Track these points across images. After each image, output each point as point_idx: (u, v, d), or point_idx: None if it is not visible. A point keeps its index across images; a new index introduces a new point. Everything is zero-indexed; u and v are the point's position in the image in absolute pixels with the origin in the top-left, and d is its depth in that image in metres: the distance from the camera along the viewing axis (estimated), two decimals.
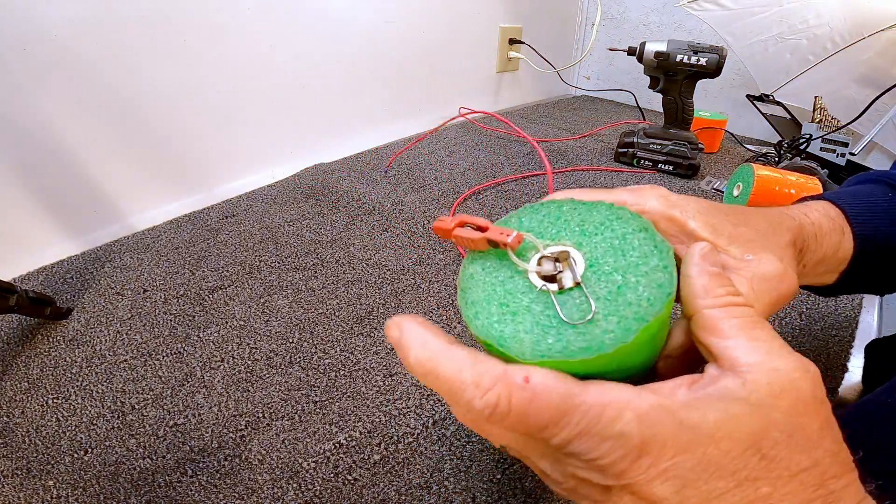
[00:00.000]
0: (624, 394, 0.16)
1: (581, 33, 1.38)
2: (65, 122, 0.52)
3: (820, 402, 0.18)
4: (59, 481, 0.31)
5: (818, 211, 0.27)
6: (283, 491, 0.31)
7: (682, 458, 0.16)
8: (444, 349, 0.18)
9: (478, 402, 0.16)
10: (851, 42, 0.84)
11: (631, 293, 0.19)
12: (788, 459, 0.16)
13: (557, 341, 0.18)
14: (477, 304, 0.21)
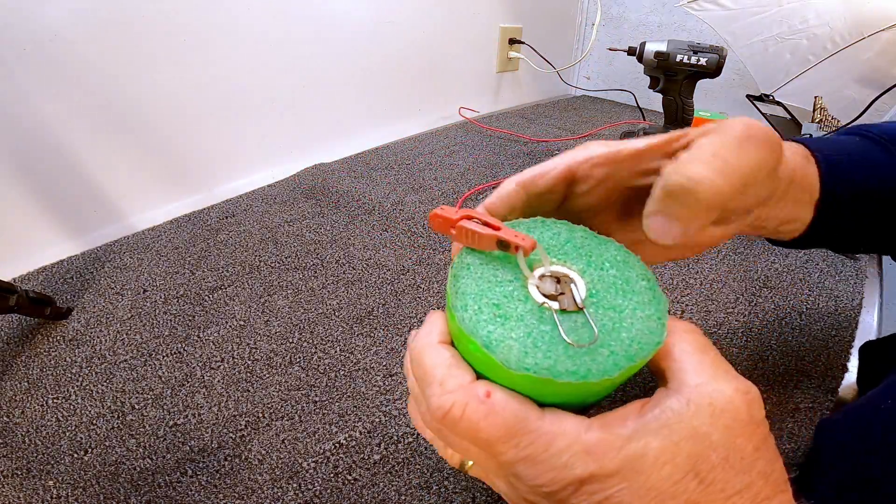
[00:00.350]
0: (575, 427, 0.18)
1: (581, 33, 1.38)
2: (65, 121, 0.52)
3: (756, 424, 0.18)
4: (59, 481, 0.31)
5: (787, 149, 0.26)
6: (283, 491, 0.31)
7: (625, 485, 0.17)
8: (434, 345, 0.20)
9: (434, 399, 0.18)
10: (851, 42, 0.84)
11: (626, 332, 0.19)
12: (724, 482, 0.17)
13: (546, 358, 0.18)
14: (468, 296, 0.20)
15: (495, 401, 0.18)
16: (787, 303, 0.45)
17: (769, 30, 0.90)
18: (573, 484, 0.17)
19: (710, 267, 0.50)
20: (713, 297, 0.46)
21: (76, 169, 0.55)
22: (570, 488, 0.17)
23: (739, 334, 0.41)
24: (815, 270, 0.49)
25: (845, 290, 0.47)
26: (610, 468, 0.17)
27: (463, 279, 0.21)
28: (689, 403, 0.18)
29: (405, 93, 0.93)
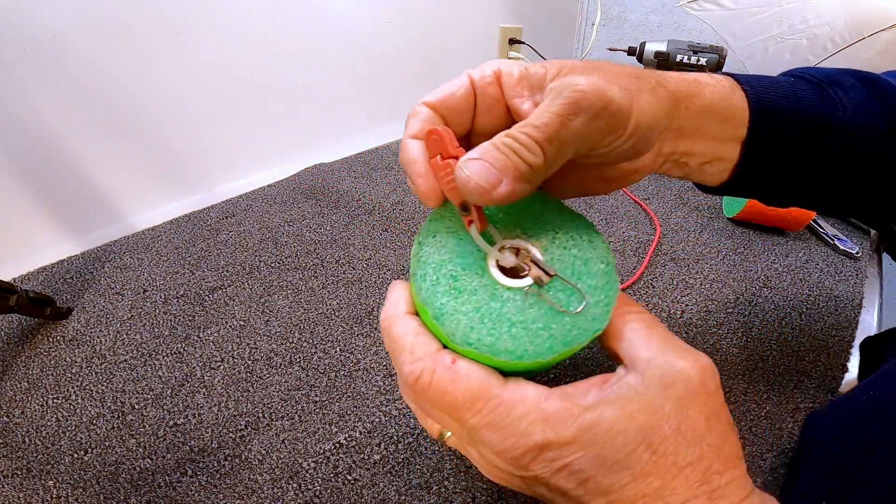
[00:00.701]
0: (535, 395, 0.19)
1: (581, 33, 1.38)
2: (65, 121, 0.52)
3: (709, 393, 0.19)
4: (59, 481, 0.31)
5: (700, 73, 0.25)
6: (283, 491, 0.31)
7: (581, 453, 0.18)
8: (401, 315, 0.21)
9: (406, 366, 0.19)
10: (851, 42, 0.84)
11: (569, 317, 0.20)
12: (675, 454, 0.18)
13: (489, 335, 0.19)
14: (429, 265, 0.21)
15: (460, 367, 0.19)
16: (787, 303, 0.45)
17: (769, 30, 0.90)
18: (532, 450, 0.18)
19: (710, 267, 0.50)
20: (713, 297, 0.46)
21: (76, 169, 0.55)
22: (530, 454, 0.18)
23: (739, 334, 0.41)
24: (815, 270, 0.49)
25: (845, 290, 0.47)
26: (566, 436, 0.18)
27: (427, 247, 0.22)
28: (644, 377, 0.19)
29: (405, 93, 0.93)
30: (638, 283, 0.48)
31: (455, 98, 0.23)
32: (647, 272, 0.49)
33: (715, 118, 0.24)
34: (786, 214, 0.53)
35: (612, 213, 0.59)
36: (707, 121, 0.23)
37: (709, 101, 0.23)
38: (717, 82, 0.24)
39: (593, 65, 0.21)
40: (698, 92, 0.23)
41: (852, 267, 0.50)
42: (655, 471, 0.18)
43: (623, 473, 0.18)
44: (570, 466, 0.18)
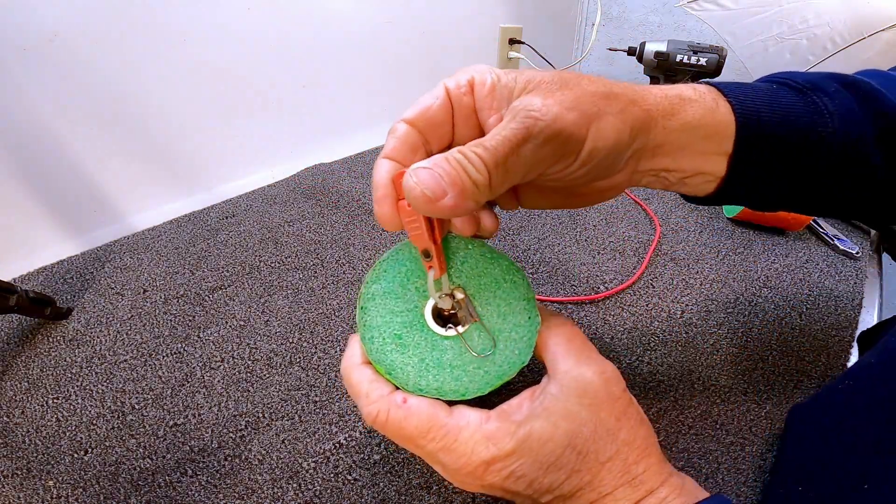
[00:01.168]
0: (477, 419, 0.22)
1: (581, 33, 1.38)
2: (65, 121, 0.52)
3: (614, 398, 0.23)
4: (59, 481, 0.31)
5: (683, 85, 0.24)
6: (283, 491, 0.31)
7: (522, 461, 0.21)
8: (356, 365, 0.24)
9: (364, 409, 0.23)
10: (851, 42, 0.84)
11: (499, 355, 0.24)
12: (596, 451, 0.22)
13: (436, 380, 0.23)
14: (374, 328, 0.24)
15: (410, 405, 0.22)
16: (787, 303, 0.45)
17: (769, 30, 0.90)
18: (482, 465, 0.21)
19: (710, 267, 0.50)
20: (713, 297, 0.46)
21: (76, 169, 0.55)
22: (482, 468, 0.21)
23: (739, 334, 0.41)
24: (815, 270, 0.49)
25: (845, 290, 0.47)
26: (507, 449, 0.21)
27: (369, 311, 0.25)
28: (562, 388, 0.23)
29: (405, 93, 0.93)
30: (638, 283, 0.48)
31: (432, 111, 0.23)
32: (647, 272, 0.49)
33: (697, 134, 0.23)
34: (786, 215, 0.53)
35: (612, 213, 0.59)
36: (689, 137, 0.23)
37: (691, 117, 0.23)
38: (700, 96, 0.23)
39: (562, 80, 0.21)
40: (680, 108, 0.23)
41: (852, 267, 0.50)
42: (584, 467, 0.22)
43: (559, 473, 0.21)
44: (516, 473, 0.21)
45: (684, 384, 0.37)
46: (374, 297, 0.25)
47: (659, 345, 0.41)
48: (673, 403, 0.35)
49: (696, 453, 0.32)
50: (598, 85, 0.21)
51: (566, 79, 0.21)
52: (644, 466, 0.22)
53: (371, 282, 0.25)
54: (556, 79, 0.21)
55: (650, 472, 0.22)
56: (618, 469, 0.22)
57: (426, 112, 0.23)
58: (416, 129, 0.23)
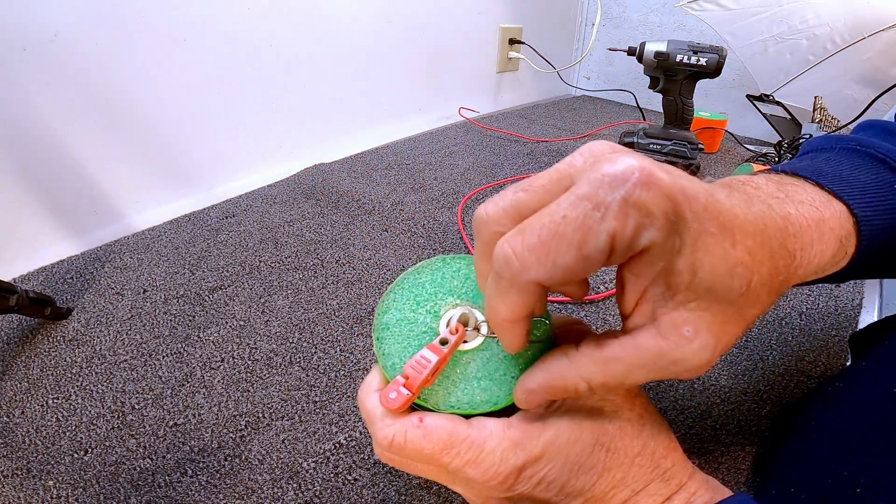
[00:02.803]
0: (499, 427, 0.21)
1: (581, 33, 1.38)
2: (65, 121, 0.52)
3: (634, 396, 0.23)
4: (59, 481, 0.31)
5: (832, 231, 0.22)
6: (283, 491, 0.31)
7: (551, 465, 0.20)
8: (372, 392, 0.23)
9: (379, 433, 0.22)
10: (851, 42, 0.84)
11: (521, 357, 0.23)
12: (625, 448, 0.21)
13: (465, 395, 0.23)
14: (393, 356, 0.24)
15: (427, 423, 0.21)
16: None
17: (769, 30, 0.90)
18: (513, 473, 0.20)
19: None
20: None
21: (76, 169, 0.55)
22: (512, 477, 0.20)
23: None
24: None
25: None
26: (536, 453, 0.20)
27: (386, 341, 0.24)
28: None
29: (405, 93, 0.93)
30: None
31: (580, 274, 0.16)
32: None
33: (813, 275, 0.22)
34: None
35: None
36: (819, 271, 0.22)
37: (815, 268, 0.21)
38: (833, 257, 0.22)
39: (732, 291, 0.16)
40: (807, 263, 0.21)
41: None
42: (614, 465, 0.21)
43: (590, 473, 0.21)
44: (547, 478, 0.21)
45: (684, 384, 0.37)
46: (388, 326, 0.25)
47: None
48: (673, 403, 0.35)
49: (696, 453, 0.32)
50: (758, 305, 0.18)
51: (733, 292, 0.16)
52: (672, 461, 0.22)
53: (382, 312, 0.25)
54: (739, 291, 0.16)
55: (678, 467, 0.22)
56: (647, 464, 0.21)
57: (571, 275, 0.16)
58: (545, 288, 0.18)
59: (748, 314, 0.17)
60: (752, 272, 0.16)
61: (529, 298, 0.17)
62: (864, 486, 0.22)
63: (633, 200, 0.15)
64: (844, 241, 0.22)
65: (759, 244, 0.17)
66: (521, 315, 0.18)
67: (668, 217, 0.15)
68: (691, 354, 0.17)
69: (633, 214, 0.15)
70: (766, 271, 0.17)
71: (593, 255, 0.15)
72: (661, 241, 0.15)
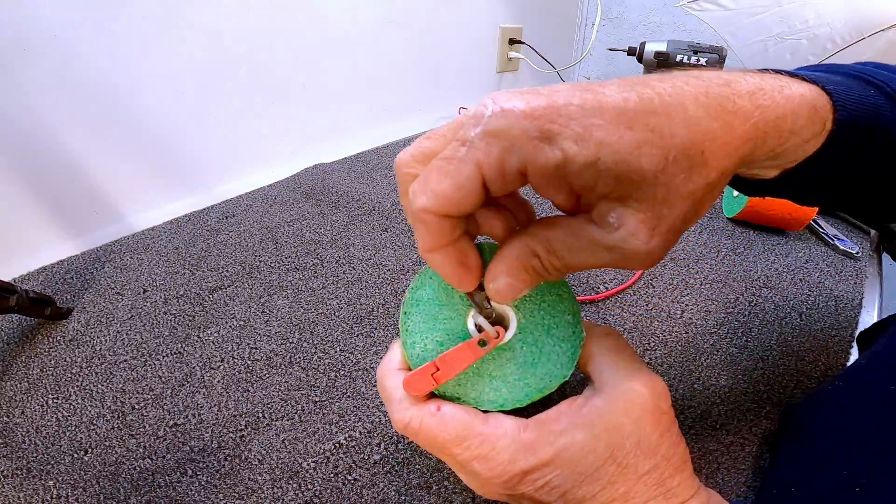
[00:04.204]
0: (514, 428, 0.21)
1: (581, 33, 1.38)
2: (64, 121, 0.52)
3: (661, 413, 0.22)
4: (59, 481, 0.31)
5: (802, 97, 0.20)
6: (283, 491, 0.31)
7: (559, 472, 0.21)
8: (393, 370, 0.24)
9: (396, 415, 0.22)
10: (852, 42, 0.84)
11: (541, 367, 0.23)
12: (636, 465, 0.21)
13: (473, 389, 0.23)
14: (416, 334, 0.24)
15: (444, 413, 0.22)
16: (787, 303, 0.45)
17: (769, 30, 0.90)
18: (518, 475, 0.21)
19: (710, 267, 0.50)
20: (713, 297, 0.46)
21: (76, 169, 0.55)
22: (517, 478, 0.21)
23: (739, 334, 0.41)
24: (815, 270, 0.49)
25: (845, 290, 0.47)
26: (545, 459, 0.21)
27: (412, 317, 0.24)
28: (609, 400, 0.22)
29: (405, 92, 0.93)
30: (638, 283, 0.48)
31: (466, 200, 0.18)
32: (648, 272, 0.49)
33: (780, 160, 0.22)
34: (786, 214, 0.53)
35: None
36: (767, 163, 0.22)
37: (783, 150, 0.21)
38: (808, 122, 0.20)
39: (663, 172, 0.16)
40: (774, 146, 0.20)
41: (852, 267, 0.50)
42: (620, 479, 0.21)
43: (595, 484, 0.21)
44: (551, 483, 0.21)
45: (684, 384, 0.37)
46: (419, 302, 0.24)
47: (659, 345, 0.41)
48: (673, 403, 0.35)
49: (696, 453, 0.32)
50: (708, 171, 0.17)
51: (667, 170, 0.16)
52: (678, 480, 0.22)
53: (417, 287, 0.25)
54: (653, 172, 0.16)
55: (683, 486, 0.22)
56: (653, 482, 0.21)
57: (451, 206, 0.18)
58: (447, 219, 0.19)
59: (686, 189, 0.17)
60: (665, 147, 0.16)
61: (433, 227, 0.19)
62: (864, 486, 0.22)
63: (489, 130, 0.17)
64: (820, 109, 0.21)
65: (669, 119, 0.16)
66: (435, 244, 0.20)
67: (532, 133, 0.16)
68: (621, 241, 0.17)
69: (493, 143, 0.17)
70: (686, 139, 0.16)
71: (466, 183, 0.17)
72: (539, 155, 0.16)
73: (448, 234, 0.20)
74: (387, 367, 0.24)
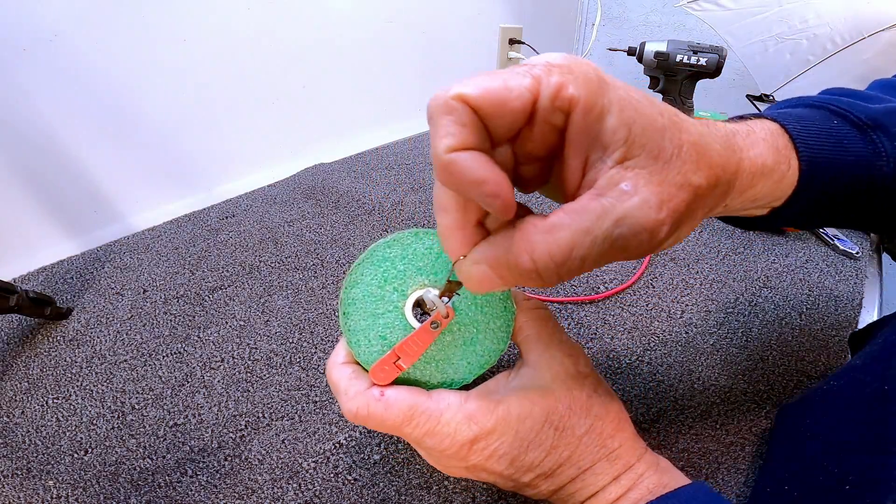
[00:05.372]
0: (456, 400, 0.23)
1: (581, 33, 1.38)
2: (65, 122, 0.52)
3: (584, 377, 0.24)
4: (59, 481, 0.31)
5: (765, 141, 0.22)
6: (283, 491, 0.31)
7: (502, 439, 0.22)
8: (339, 364, 0.25)
9: (344, 406, 0.23)
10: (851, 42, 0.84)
11: (479, 346, 0.25)
12: (573, 427, 0.23)
13: (422, 374, 0.25)
14: (358, 332, 0.25)
15: (388, 397, 0.23)
16: (787, 303, 0.45)
17: (769, 30, 0.90)
18: (466, 445, 0.22)
19: (710, 267, 0.50)
20: (713, 297, 0.46)
21: (76, 169, 0.55)
22: (465, 448, 0.22)
23: (739, 334, 0.41)
24: (815, 270, 0.49)
25: (845, 290, 0.47)
26: (488, 427, 0.22)
27: (351, 316, 0.25)
28: (535, 368, 0.24)
29: (405, 93, 0.93)
30: (638, 283, 0.48)
31: (505, 107, 0.17)
32: (647, 272, 0.49)
33: (758, 202, 0.23)
34: None
35: None
36: (748, 204, 0.23)
37: (760, 190, 0.22)
38: (777, 162, 0.22)
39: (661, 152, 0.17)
40: (758, 182, 0.22)
41: (852, 267, 0.50)
42: (561, 443, 0.22)
43: (538, 450, 0.22)
44: (497, 451, 0.22)
45: (684, 384, 0.37)
46: (355, 301, 0.25)
47: (659, 345, 0.41)
48: (673, 403, 0.35)
49: (696, 453, 0.32)
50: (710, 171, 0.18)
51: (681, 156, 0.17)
52: (619, 441, 0.23)
53: (349, 286, 0.25)
54: (670, 153, 0.17)
55: (625, 448, 0.23)
56: (594, 443, 0.23)
57: (498, 103, 0.16)
58: (478, 116, 0.17)
59: (693, 179, 0.18)
60: (682, 139, 0.18)
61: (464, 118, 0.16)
62: (854, 483, 0.22)
63: (555, 64, 0.17)
64: (783, 149, 0.23)
65: (685, 121, 0.18)
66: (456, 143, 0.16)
67: (590, 78, 0.17)
68: (634, 209, 0.16)
69: (555, 72, 0.17)
70: (698, 140, 0.18)
71: (515, 88, 0.16)
72: (587, 95, 0.17)
73: (475, 140, 0.17)
74: (333, 362, 0.26)
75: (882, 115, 0.25)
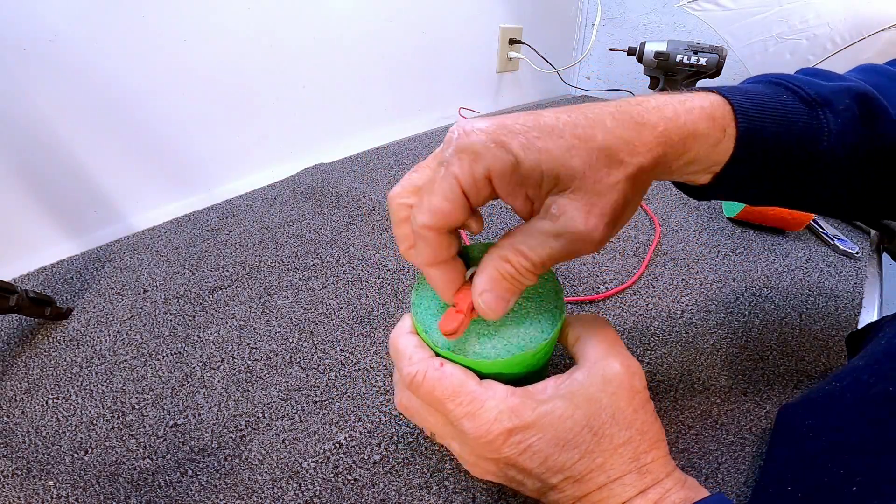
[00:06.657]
0: (503, 392, 0.24)
1: (581, 33, 1.38)
2: (65, 122, 0.52)
3: (636, 392, 0.24)
4: (59, 481, 0.31)
5: (701, 109, 0.24)
6: (283, 491, 0.31)
7: (539, 435, 0.23)
8: (405, 333, 0.27)
9: (405, 368, 0.25)
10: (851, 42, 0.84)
11: (524, 329, 0.26)
12: (611, 436, 0.23)
13: (461, 342, 0.26)
14: (425, 322, 0.27)
15: (446, 369, 0.24)
16: (787, 303, 0.45)
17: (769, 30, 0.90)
18: (502, 434, 0.22)
19: (710, 267, 0.50)
20: (713, 297, 0.46)
21: (76, 169, 0.55)
22: (501, 438, 0.23)
23: (739, 334, 0.41)
24: (815, 270, 0.49)
25: (845, 290, 0.47)
26: (528, 421, 0.23)
27: (419, 306, 0.28)
28: (588, 375, 0.24)
29: (405, 93, 0.93)
30: (638, 283, 0.48)
31: (451, 218, 0.22)
32: (647, 272, 0.49)
33: (697, 165, 0.25)
34: (786, 214, 0.53)
35: None
36: (689, 168, 0.25)
37: (695, 153, 0.24)
38: (709, 128, 0.24)
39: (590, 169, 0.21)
40: (690, 148, 0.23)
41: (852, 267, 0.50)
42: (597, 449, 0.23)
43: (573, 452, 0.23)
44: (533, 447, 0.23)
45: (684, 384, 0.37)
46: (422, 300, 0.28)
47: (659, 345, 0.41)
48: (673, 403, 0.35)
49: (696, 453, 0.32)
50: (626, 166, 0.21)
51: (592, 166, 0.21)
52: (652, 457, 0.23)
53: (418, 288, 0.28)
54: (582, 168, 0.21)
55: (657, 464, 0.23)
56: (628, 455, 0.23)
57: (445, 218, 0.22)
58: (444, 235, 0.23)
59: (611, 180, 0.21)
60: (589, 149, 0.21)
61: (433, 243, 0.22)
62: (859, 484, 0.22)
63: (458, 148, 0.21)
64: (719, 118, 0.24)
65: (591, 129, 0.21)
66: (433, 258, 0.23)
67: (489, 145, 0.21)
68: (563, 226, 0.21)
69: (463, 157, 0.21)
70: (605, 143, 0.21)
71: (449, 194, 0.21)
72: (498, 162, 0.21)
73: (445, 250, 0.23)
74: (398, 331, 0.27)
75: (830, 93, 0.26)
